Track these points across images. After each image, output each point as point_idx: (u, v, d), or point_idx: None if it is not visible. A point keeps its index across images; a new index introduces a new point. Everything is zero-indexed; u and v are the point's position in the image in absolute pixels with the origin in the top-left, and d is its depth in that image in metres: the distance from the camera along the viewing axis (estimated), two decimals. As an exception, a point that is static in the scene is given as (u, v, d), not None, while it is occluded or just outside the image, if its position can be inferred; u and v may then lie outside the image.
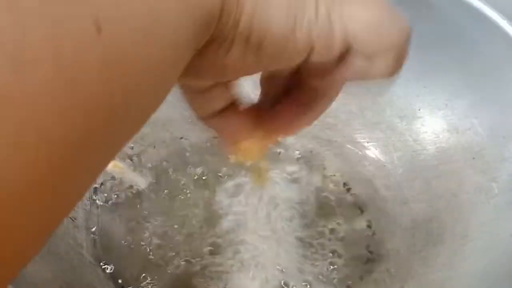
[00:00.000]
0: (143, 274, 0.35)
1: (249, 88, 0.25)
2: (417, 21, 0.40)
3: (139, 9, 0.14)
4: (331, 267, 0.37)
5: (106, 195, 0.39)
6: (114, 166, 0.39)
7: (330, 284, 0.36)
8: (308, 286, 0.36)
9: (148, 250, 0.37)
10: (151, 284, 0.35)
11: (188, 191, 0.40)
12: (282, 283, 0.36)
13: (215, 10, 0.16)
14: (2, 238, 0.12)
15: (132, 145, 0.41)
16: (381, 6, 0.19)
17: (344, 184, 0.42)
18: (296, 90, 0.23)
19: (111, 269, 0.35)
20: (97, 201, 0.38)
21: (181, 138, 0.43)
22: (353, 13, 0.18)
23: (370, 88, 0.42)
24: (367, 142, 0.43)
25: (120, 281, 0.35)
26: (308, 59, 0.19)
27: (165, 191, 0.40)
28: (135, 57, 0.14)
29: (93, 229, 0.37)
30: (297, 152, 0.43)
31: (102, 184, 0.39)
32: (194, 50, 0.17)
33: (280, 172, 0.42)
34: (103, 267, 0.35)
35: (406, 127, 0.42)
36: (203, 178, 0.40)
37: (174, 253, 0.37)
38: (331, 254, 0.37)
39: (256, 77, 0.24)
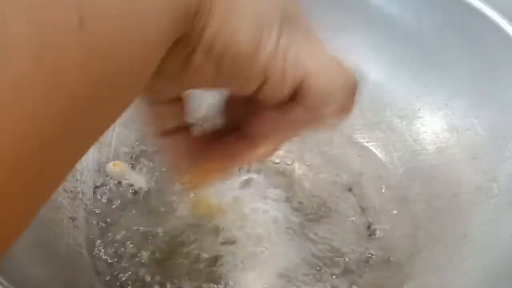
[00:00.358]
0: (144, 274, 0.35)
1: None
2: (417, 22, 0.41)
3: (122, 4, 0.14)
4: (331, 267, 0.37)
5: (106, 195, 0.39)
6: (115, 166, 0.39)
7: (329, 283, 0.36)
8: (308, 286, 0.36)
9: (148, 249, 0.37)
10: (151, 283, 0.35)
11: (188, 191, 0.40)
12: (282, 283, 0.36)
13: (190, 10, 0.16)
14: None
15: (132, 145, 0.41)
16: (333, 58, 0.20)
17: (344, 184, 0.42)
18: (247, 127, 0.23)
19: (111, 269, 0.35)
20: (97, 201, 0.38)
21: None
22: (305, 59, 0.19)
23: (370, 89, 0.42)
24: (367, 142, 0.43)
25: (120, 280, 0.35)
26: (260, 90, 0.20)
27: (165, 191, 0.40)
28: (116, 50, 0.14)
29: (93, 229, 0.37)
30: (297, 152, 0.43)
31: (102, 184, 0.39)
32: (168, 45, 0.17)
33: (280, 172, 0.42)
34: (103, 267, 0.35)
35: (406, 127, 0.42)
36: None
37: (174, 252, 0.37)
38: (330, 254, 0.37)
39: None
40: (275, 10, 0.18)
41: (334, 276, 0.36)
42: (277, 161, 0.42)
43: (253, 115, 0.22)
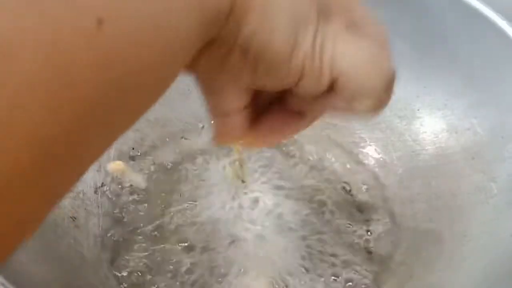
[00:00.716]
0: (144, 273, 0.35)
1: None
2: (417, 21, 0.41)
3: (143, 9, 0.14)
4: (331, 267, 0.37)
5: (106, 195, 0.39)
6: (115, 166, 0.39)
7: (329, 283, 0.36)
8: (308, 285, 0.36)
9: (149, 249, 0.37)
10: (152, 283, 0.35)
11: (189, 191, 0.40)
12: (282, 284, 0.36)
13: (220, 13, 0.16)
14: None
15: (132, 145, 0.41)
16: (374, 49, 0.20)
17: (344, 184, 0.42)
18: (283, 104, 0.23)
19: (111, 268, 0.35)
20: (98, 201, 0.38)
21: (182, 138, 0.43)
22: (341, 57, 0.19)
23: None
24: (367, 142, 0.43)
25: (121, 280, 0.35)
26: (296, 86, 0.20)
27: (166, 191, 0.40)
28: (134, 57, 0.14)
29: (94, 229, 0.37)
30: (297, 152, 0.43)
31: (102, 184, 0.39)
32: (194, 50, 0.17)
33: (280, 172, 0.42)
34: (104, 266, 0.35)
35: (405, 127, 0.42)
36: (204, 178, 0.41)
37: (174, 251, 0.37)
38: (330, 254, 0.37)
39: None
40: (312, 3, 0.18)
41: (333, 276, 0.36)
42: (278, 160, 0.42)
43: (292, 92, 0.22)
